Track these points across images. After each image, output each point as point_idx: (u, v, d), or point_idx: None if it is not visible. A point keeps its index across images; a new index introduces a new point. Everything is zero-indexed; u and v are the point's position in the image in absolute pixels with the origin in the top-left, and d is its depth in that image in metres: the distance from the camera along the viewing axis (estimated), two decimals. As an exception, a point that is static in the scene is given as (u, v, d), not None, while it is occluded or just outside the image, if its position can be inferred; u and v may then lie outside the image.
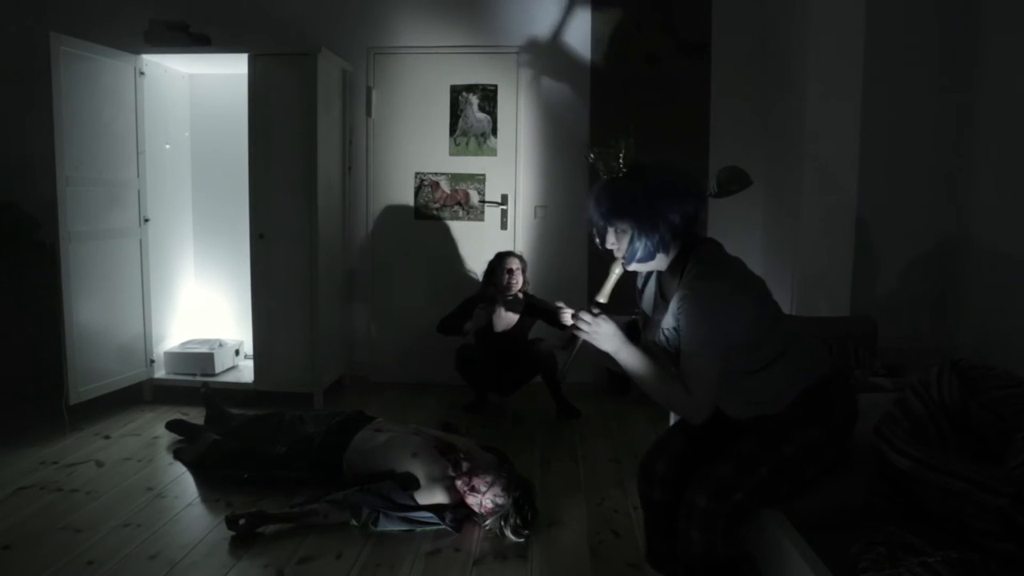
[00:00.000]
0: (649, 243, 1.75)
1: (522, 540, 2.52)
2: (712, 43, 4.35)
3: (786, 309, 3.86)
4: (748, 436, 1.80)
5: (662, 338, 1.79)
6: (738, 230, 4.37)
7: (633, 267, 1.82)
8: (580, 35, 4.38)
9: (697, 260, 1.76)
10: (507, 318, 3.98)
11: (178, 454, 3.27)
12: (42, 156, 3.61)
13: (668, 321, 1.75)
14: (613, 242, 1.79)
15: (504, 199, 4.51)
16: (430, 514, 2.61)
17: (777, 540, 1.75)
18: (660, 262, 1.82)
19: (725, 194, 3.22)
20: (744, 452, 1.76)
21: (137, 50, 3.98)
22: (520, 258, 4.00)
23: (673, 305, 1.72)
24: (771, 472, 1.73)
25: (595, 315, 1.76)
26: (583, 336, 1.76)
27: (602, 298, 1.80)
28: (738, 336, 1.71)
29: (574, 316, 1.79)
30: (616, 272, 1.81)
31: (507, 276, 3.91)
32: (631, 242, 1.76)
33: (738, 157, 3.78)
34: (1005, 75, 2.75)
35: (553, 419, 3.92)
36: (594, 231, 1.86)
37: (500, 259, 3.98)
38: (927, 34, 3.00)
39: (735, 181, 3.26)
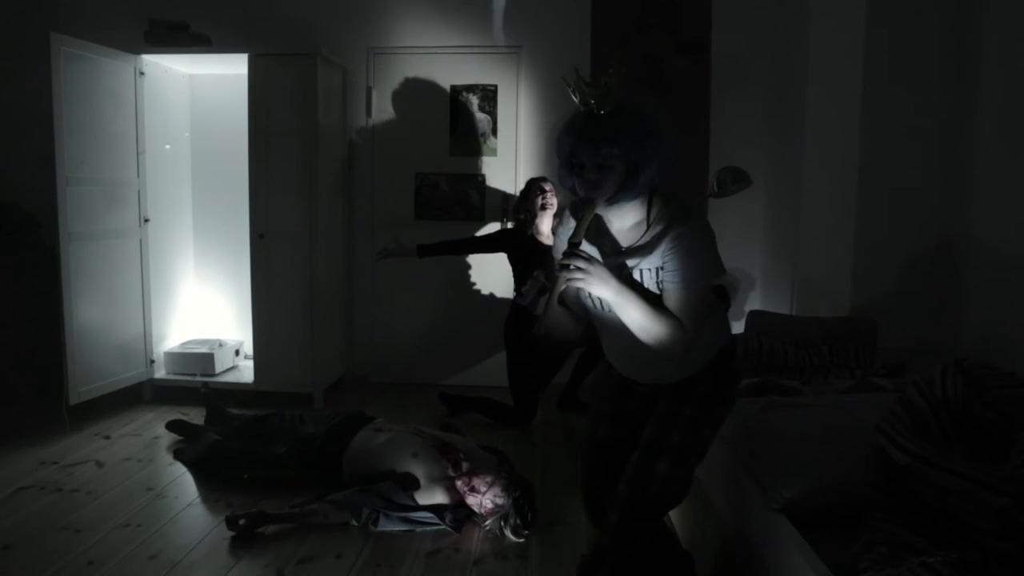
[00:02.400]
0: (644, 179, 1.67)
1: (522, 540, 2.52)
2: (712, 43, 4.35)
3: (786, 309, 3.88)
4: (684, 402, 1.83)
5: (636, 278, 1.76)
6: (738, 230, 4.37)
7: (613, 208, 1.72)
8: (580, 35, 4.37)
9: (668, 201, 1.74)
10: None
11: (178, 454, 3.27)
12: (42, 156, 3.61)
13: (652, 261, 1.71)
14: (593, 178, 1.67)
15: (504, 199, 4.51)
16: (430, 514, 2.61)
17: (777, 540, 1.75)
18: (638, 202, 1.74)
19: (725, 194, 3.23)
20: (688, 417, 1.80)
21: (137, 50, 3.98)
22: (552, 182, 3.84)
23: (665, 244, 1.68)
24: (710, 434, 1.83)
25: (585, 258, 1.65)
26: (579, 283, 1.64)
27: (578, 239, 1.67)
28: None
29: (562, 261, 1.65)
30: (591, 212, 1.70)
31: (541, 197, 3.75)
32: (626, 177, 1.66)
33: (738, 157, 3.78)
34: (1007, 74, 2.75)
35: (554, 418, 3.92)
36: (571, 165, 1.70)
37: (532, 182, 3.83)
38: (929, 33, 2.99)
39: (735, 181, 3.27)
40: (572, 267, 1.62)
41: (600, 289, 1.65)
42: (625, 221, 1.77)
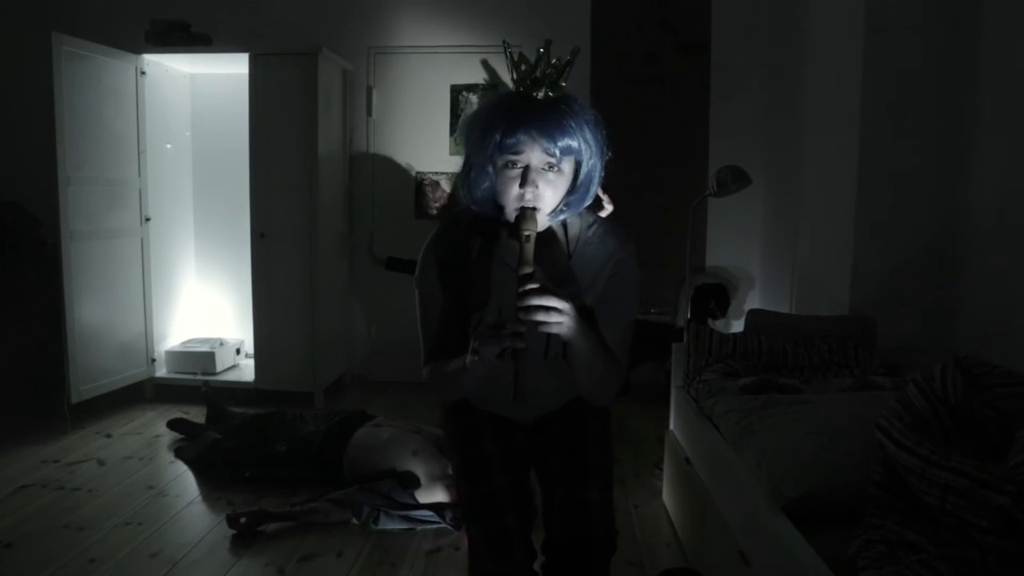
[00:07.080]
0: (594, 188, 1.37)
1: (522, 538, 2.52)
2: (712, 43, 4.36)
3: (786, 308, 3.88)
4: (583, 451, 1.59)
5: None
6: (738, 230, 4.38)
7: (552, 223, 1.39)
8: (580, 34, 4.38)
9: (591, 219, 1.47)
10: None
11: (179, 453, 3.28)
12: (43, 155, 3.62)
13: (591, 293, 1.42)
14: (540, 182, 1.29)
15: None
16: (430, 513, 2.61)
17: (777, 540, 1.75)
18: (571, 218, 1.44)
19: (725, 193, 3.23)
20: (595, 465, 1.58)
21: (138, 50, 3.99)
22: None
23: (604, 273, 1.42)
24: (611, 467, 1.63)
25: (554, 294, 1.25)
26: (557, 328, 1.24)
27: (531, 267, 1.26)
28: None
29: (527, 305, 1.21)
30: (533, 229, 1.28)
31: None
32: (579, 185, 1.35)
33: (738, 156, 3.78)
34: (1007, 74, 2.76)
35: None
36: (502, 163, 1.30)
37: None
38: (928, 33, 3.00)
39: (735, 180, 3.28)
40: (545, 308, 1.21)
41: (571, 330, 1.26)
42: (555, 243, 1.43)
